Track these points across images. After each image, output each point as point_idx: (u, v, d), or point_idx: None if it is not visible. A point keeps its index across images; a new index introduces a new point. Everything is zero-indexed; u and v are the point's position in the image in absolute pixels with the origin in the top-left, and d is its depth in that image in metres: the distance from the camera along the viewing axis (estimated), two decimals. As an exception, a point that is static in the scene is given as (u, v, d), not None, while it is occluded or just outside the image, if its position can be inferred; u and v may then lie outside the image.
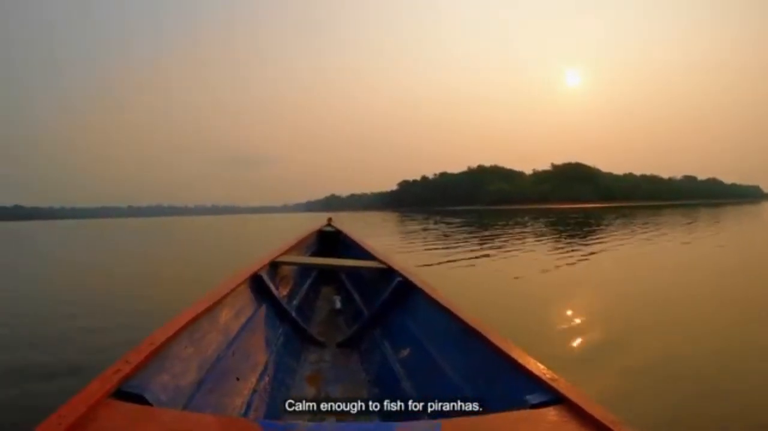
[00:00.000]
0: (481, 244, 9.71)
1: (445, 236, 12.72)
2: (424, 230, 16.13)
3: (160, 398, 0.96)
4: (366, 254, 2.90)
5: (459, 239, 11.10)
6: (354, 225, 13.62)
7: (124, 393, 0.88)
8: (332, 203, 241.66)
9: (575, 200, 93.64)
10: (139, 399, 0.89)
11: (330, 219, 4.53)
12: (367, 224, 22.21)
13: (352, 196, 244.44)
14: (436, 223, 21.53)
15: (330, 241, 3.97)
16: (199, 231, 24.62)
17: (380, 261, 2.51)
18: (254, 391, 1.39)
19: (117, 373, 0.89)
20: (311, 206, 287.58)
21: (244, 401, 1.32)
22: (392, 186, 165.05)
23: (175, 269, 7.53)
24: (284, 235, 5.48)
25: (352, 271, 2.84)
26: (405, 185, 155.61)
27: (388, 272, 2.27)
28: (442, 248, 9.00)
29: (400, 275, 2.07)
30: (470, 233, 13.64)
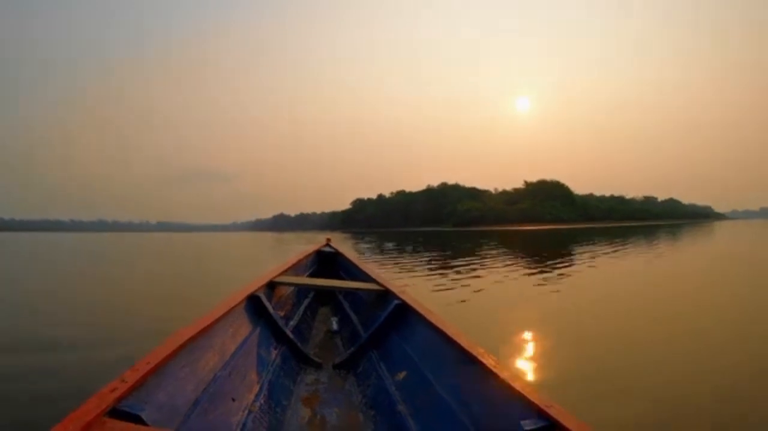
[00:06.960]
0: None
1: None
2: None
3: (155, 417, 0.96)
4: (364, 276, 2.84)
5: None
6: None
7: (120, 412, 0.88)
8: (280, 223, 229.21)
9: (556, 221, 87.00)
10: (135, 419, 0.89)
11: (329, 240, 4.05)
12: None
13: (301, 215, 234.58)
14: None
15: (328, 262, 3.70)
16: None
17: (378, 283, 2.44)
18: (249, 412, 1.39)
19: (113, 392, 0.89)
20: (259, 225, 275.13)
21: (239, 421, 1.31)
22: (345, 205, 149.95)
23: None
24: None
25: (349, 292, 2.82)
26: (359, 204, 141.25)
27: (386, 295, 2.23)
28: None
29: (398, 297, 2.04)
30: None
